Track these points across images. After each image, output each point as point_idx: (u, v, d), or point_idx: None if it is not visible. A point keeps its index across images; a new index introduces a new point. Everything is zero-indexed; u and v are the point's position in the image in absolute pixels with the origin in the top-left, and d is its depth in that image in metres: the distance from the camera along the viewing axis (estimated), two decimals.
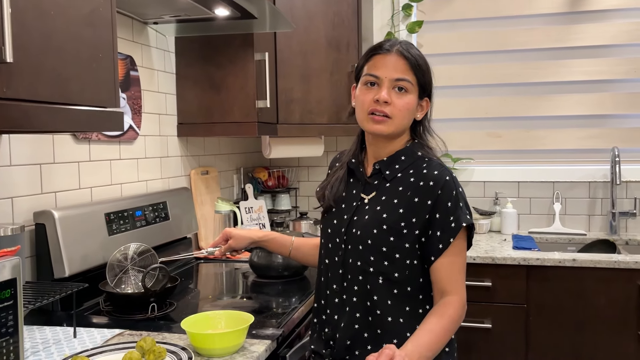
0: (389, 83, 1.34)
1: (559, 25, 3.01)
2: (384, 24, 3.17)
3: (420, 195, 1.32)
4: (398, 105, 1.34)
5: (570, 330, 2.41)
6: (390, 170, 1.38)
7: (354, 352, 1.37)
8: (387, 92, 1.33)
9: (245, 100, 2.34)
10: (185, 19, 2.11)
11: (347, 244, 1.38)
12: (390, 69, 1.33)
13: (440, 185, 1.31)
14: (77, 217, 1.70)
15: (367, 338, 1.36)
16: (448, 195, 1.31)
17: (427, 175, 1.33)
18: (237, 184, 3.03)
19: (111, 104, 1.36)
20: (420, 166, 1.36)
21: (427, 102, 1.41)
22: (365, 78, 1.37)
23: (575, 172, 2.99)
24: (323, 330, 1.44)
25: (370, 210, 1.37)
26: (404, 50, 1.35)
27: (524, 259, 2.42)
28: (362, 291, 1.36)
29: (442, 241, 1.30)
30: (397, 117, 1.34)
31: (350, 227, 1.38)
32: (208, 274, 2.24)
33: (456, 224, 1.30)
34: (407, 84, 1.34)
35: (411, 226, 1.32)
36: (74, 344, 1.39)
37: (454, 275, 1.31)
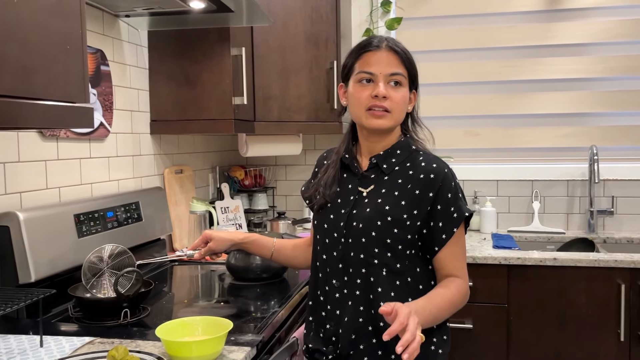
0: (384, 78, 1.37)
1: (537, 23, 3.00)
2: (362, 20, 3.12)
3: (421, 187, 1.35)
4: (396, 99, 1.37)
5: (551, 329, 2.40)
6: (387, 164, 1.41)
7: (358, 347, 1.36)
8: (384, 87, 1.36)
9: (221, 96, 2.27)
10: (159, 11, 2.02)
11: (348, 238, 1.39)
12: (384, 65, 1.36)
13: (441, 177, 1.35)
14: (44, 218, 1.61)
15: (371, 331, 1.36)
16: (448, 187, 1.35)
17: (426, 168, 1.37)
18: (212, 183, 2.95)
19: (80, 99, 1.28)
20: (417, 159, 1.40)
21: (414, 94, 1.46)
22: (359, 76, 1.39)
23: (554, 171, 2.99)
24: (323, 327, 1.43)
25: (371, 203, 1.38)
26: (393, 45, 1.39)
27: (504, 259, 2.40)
28: (365, 284, 1.37)
29: (445, 232, 1.35)
30: (396, 111, 1.38)
31: (351, 220, 1.39)
32: (183, 277, 2.17)
33: (458, 214, 1.35)
34: (401, 77, 1.38)
35: (413, 218, 1.35)
36: (41, 354, 1.31)
37: (458, 262, 1.37)
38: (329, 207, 1.45)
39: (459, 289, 1.35)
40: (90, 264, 1.65)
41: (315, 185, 1.51)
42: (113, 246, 1.71)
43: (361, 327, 1.37)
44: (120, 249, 1.72)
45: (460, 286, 1.36)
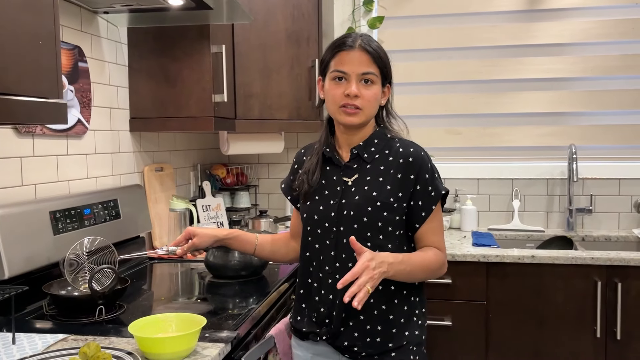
0: (356, 77, 1.44)
1: (518, 23, 3.02)
2: (344, 19, 3.13)
3: (403, 171, 1.46)
4: (367, 97, 1.45)
5: (530, 326, 2.42)
6: (367, 153, 1.50)
7: (348, 324, 1.46)
8: (355, 86, 1.44)
9: (201, 94, 2.26)
10: (138, 8, 2.01)
11: (340, 226, 1.47)
12: (356, 64, 1.44)
13: (419, 160, 1.46)
14: (18, 215, 1.60)
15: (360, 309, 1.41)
16: (425, 168, 1.46)
17: (405, 153, 1.47)
18: (194, 181, 2.95)
19: (53, 95, 1.27)
20: (394, 146, 1.50)
21: (388, 88, 1.54)
22: (334, 74, 1.47)
23: (534, 169, 3.02)
24: (317, 311, 1.50)
25: (359, 191, 1.46)
26: (366, 45, 1.45)
27: (483, 256, 2.42)
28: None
29: (424, 209, 1.46)
30: (367, 108, 1.46)
31: (341, 209, 1.47)
32: (162, 275, 2.16)
33: (435, 192, 1.47)
34: (372, 76, 1.45)
35: (399, 200, 1.45)
36: (12, 351, 1.30)
37: (436, 237, 1.50)
38: (317, 199, 1.52)
39: (437, 257, 1.47)
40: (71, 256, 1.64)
41: (300, 177, 1.58)
42: (93, 238, 1.70)
43: (350, 305, 1.41)
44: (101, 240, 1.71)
45: (438, 254, 1.48)
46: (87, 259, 1.68)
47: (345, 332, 1.46)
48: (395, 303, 1.46)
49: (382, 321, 1.45)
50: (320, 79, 1.55)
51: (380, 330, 1.45)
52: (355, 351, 1.46)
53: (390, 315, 1.46)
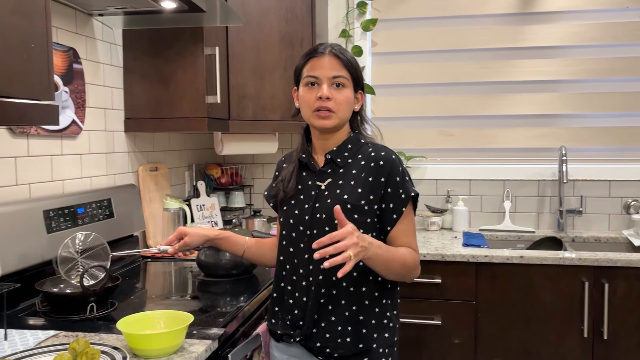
0: (327, 81, 1.48)
1: (510, 26, 3.06)
2: (338, 21, 3.16)
3: (373, 174, 1.48)
4: (338, 99, 1.49)
5: (518, 325, 2.46)
6: (341, 158, 1.53)
7: (320, 324, 1.49)
8: (327, 89, 1.48)
9: (194, 95, 2.30)
10: (132, 10, 2.05)
11: (313, 229, 1.49)
12: (327, 69, 1.48)
13: (390, 163, 1.48)
14: (11, 214, 1.63)
15: (330, 310, 1.48)
16: (396, 171, 1.48)
17: (376, 156, 1.50)
18: (188, 181, 2.98)
19: (45, 97, 1.30)
20: (366, 151, 1.53)
21: (361, 94, 1.57)
22: (306, 79, 1.51)
23: (525, 171, 3.05)
24: (291, 314, 1.53)
25: (331, 195, 1.49)
26: (336, 51, 1.50)
27: (472, 256, 2.45)
28: (328, 269, 1.45)
29: (395, 212, 1.48)
30: (340, 110, 1.49)
31: (315, 212, 1.50)
32: (156, 273, 2.19)
33: (405, 195, 1.49)
34: (343, 79, 1.49)
35: (370, 202, 1.47)
36: (4, 347, 1.33)
37: (408, 238, 1.51)
38: (293, 203, 1.55)
39: (412, 254, 1.49)
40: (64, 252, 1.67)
41: (277, 185, 1.62)
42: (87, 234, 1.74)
43: (322, 306, 1.48)
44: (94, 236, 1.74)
45: (412, 253, 1.50)
46: (80, 255, 1.71)
47: (317, 334, 1.48)
48: (366, 305, 1.48)
49: (353, 322, 1.47)
50: (295, 89, 1.58)
51: (350, 331, 1.47)
52: (328, 352, 1.48)
53: (361, 316, 1.48)
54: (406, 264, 1.46)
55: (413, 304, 2.51)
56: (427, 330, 2.50)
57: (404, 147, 3.15)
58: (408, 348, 2.52)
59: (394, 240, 1.50)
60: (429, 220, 3.02)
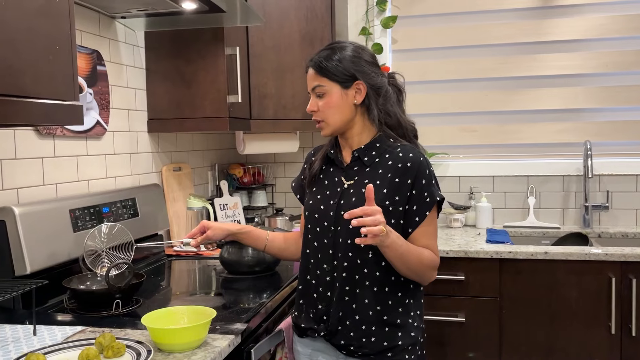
0: (312, 93, 1.55)
1: (532, 20, 3.02)
2: (358, 19, 3.16)
3: (400, 175, 1.48)
4: (322, 108, 1.52)
5: (543, 322, 2.43)
6: (368, 157, 1.53)
7: (345, 322, 1.49)
8: (312, 103, 1.54)
9: (216, 95, 2.32)
10: (153, 12, 2.08)
11: (337, 226, 1.50)
12: (310, 82, 1.54)
13: (417, 165, 1.47)
14: (39, 213, 1.67)
15: (355, 309, 1.49)
16: (423, 174, 1.47)
17: (404, 157, 1.49)
18: (211, 180, 3.01)
19: (69, 97, 1.33)
20: (394, 150, 1.52)
21: (361, 84, 1.51)
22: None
23: (549, 166, 3.01)
24: (315, 308, 1.54)
25: (357, 193, 1.49)
26: (314, 62, 1.52)
27: (496, 253, 2.43)
28: (351, 266, 1.48)
29: (418, 214, 1.47)
30: (327, 117, 1.53)
31: (339, 209, 1.50)
32: (180, 271, 2.22)
33: (430, 199, 1.48)
34: (320, 88, 1.52)
35: (395, 204, 1.47)
36: (33, 342, 1.37)
37: (430, 241, 1.50)
38: (319, 198, 1.56)
39: (431, 256, 1.48)
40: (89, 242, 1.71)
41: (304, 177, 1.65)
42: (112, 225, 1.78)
43: (346, 305, 1.49)
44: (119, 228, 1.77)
45: (432, 254, 1.49)
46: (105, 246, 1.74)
47: (342, 331, 1.49)
48: (389, 304, 1.49)
49: (377, 322, 1.48)
50: None
51: (374, 330, 1.48)
52: (352, 350, 1.49)
53: (385, 316, 1.48)
54: (423, 262, 1.46)
55: (436, 300, 2.50)
56: (450, 327, 2.49)
57: (425, 144, 3.09)
58: (431, 345, 2.51)
59: (414, 242, 1.48)
60: (452, 217, 3.00)
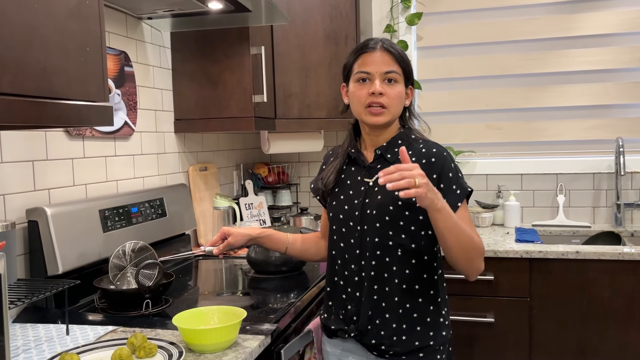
0: (379, 77, 1.47)
1: (560, 15, 2.96)
2: (382, 16, 3.13)
3: (425, 170, 1.41)
4: (391, 95, 1.47)
5: (575, 323, 2.38)
6: (391, 154, 1.51)
7: (375, 322, 1.47)
8: (380, 85, 1.46)
9: (241, 95, 2.32)
10: (179, 13, 2.09)
11: (363, 225, 1.48)
12: (379, 64, 1.47)
13: (442, 159, 1.46)
14: (70, 213, 1.68)
15: (384, 307, 1.46)
16: (449, 167, 1.46)
17: (427, 153, 1.47)
18: (237, 180, 3.01)
19: (100, 99, 1.34)
20: (417, 147, 1.50)
21: (411, 89, 1.55)
22: (358, 75, 1.50)
23: (579, 164, 2.96)
24: (344, 309, 1.52)
25: (382, 191, 1.47)
26: (387, 46, 1.49)
27: (526, 252, 2.39)
28: (379, 265, 1.46)
29: (451, 208, 1.40)
30: (392, 106, 1.48)
31: (364, 208, 1.48)
32: (207, 270, 2.23)
33: (461, 190, 1.46)
34: (395, 75, 1.48)
35: None
36: (66, 341, 1.38)
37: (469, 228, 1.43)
38: (342, 199, 1.54)
39: (479, 239, 1.41)
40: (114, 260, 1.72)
41: (321, 178, 1.62)
42: (135, 242, 1.78)
43: (376, 303, 1.47)
44: (141, 244, 1.78)
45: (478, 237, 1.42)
46: (130, 262, 1.75)
47: (372, 330, 1.47)
48: (420, 302, 1.47)
49: (408, 320, 1.46)
50: (344, 85, 1.58)
51: (406, 329, 1.46)
52: (383, 349, 1.47)
53: (415, 314, 1.46)
54: (474, 241, 1.39)
55: (465, 301, 2.47)
56: (479, 327, 2.46)
57: (451, 142, 3.10)
58: (460, 346, 2.47)
59: None
60: (480, 216, 2.96)
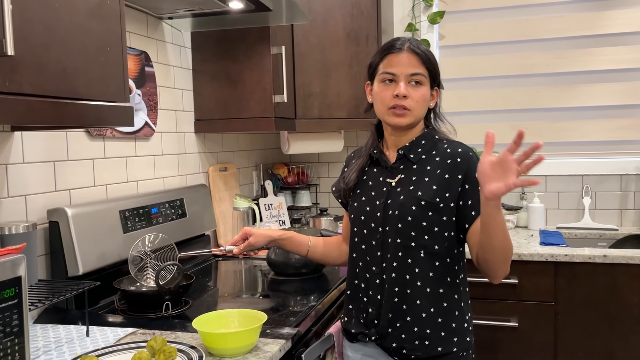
0: (405, 78, 1.45)
1: (587, 12, 2.90)
2: (404, 15, 3.09)
3: (450, 171, 1.44)
4: (415, 97, 1.45)
5: (602, 328, 2.32)
6: (414, 154, 1.49)
7: (395, 324, 1.45)
8: (404, 87, 1.44)
9: (262, 95, 2.30)
10: (200, 12, 2.07)
11: (385, 226, 1.46)
12: (405, 65, 1.45)
13: (467, 159, 1.44)
14: (91, 214, 1.68)
15: (405, 310, 1.44)
16: (474, 167, 1.41)
17: (452, 153, 1.45)
18: (256, 180, 3.00)
19: (120, 99, 1.33)
20: (442, 147, 1.49)
21: (437, 91, 1.53)
22: (382, 76, 1.48)
23: (606, 165, 2.89)
24: (365, 312, 1.50)
25: (404, 191, 1.45)
26: (414, 47, 1.46)
27: (551, 255, 2.34)
28: (401, 267, 1.44)
29: (474, 209, 1.42)
30: (415, 109, 1.46)
31: (387, 209, 1.46)
32: (227, 272, 2.21)
33: None
34: (421, 77, 1.45)
35: (446, 200, 1.43)
36: (86, 343, 1.37)
37: None
38: (364, 200, 1.52)
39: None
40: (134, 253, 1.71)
41: (343, 177, 1.61)
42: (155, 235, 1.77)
43: (396, 306, 1.44)
44: (162, 237, 1.77)
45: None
46: (149, 256, 1.74)
47: (393, 334, 1.45)
48: (444, 307, 1.44)
49: (431, 324, 1.43)
50: (369, 84, 1.55)
51: (429, 333, 1.43)
52: (404, 354, 1.44)
53: (439, 318, 1.43)
54: (511, 244, 1.35)
55: (488, 305, 2.42)
56: (502, 332, 2.41)
57: (474, 142, 3.05)
58: (483, 350, 2.43)
59: (474, 236, 1.42)
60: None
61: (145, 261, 1.73)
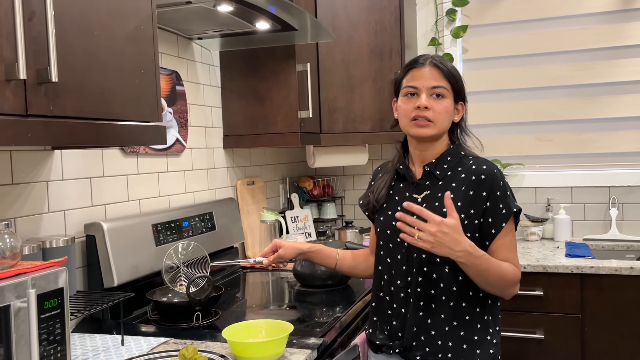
0: (427, 91, 1.49)
1: (611, 24, 2.90)
2: (427, 29, 3.14)
3: (475, 188, 1.46)
4: (437, 109, 1.48)
5: (630, 341, 2.30)
6: (440, 170, 1.52)
7: (419, 338, 1.48)
8: (426, 99, 1.48)
9: (288, 111, 2.37)
10: (228, 33, 2.15)
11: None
12: (427, 79, 1.49)
13: (491, 177, 1.46)
14: (125, 228, 1.75)
15: (430, 324, 1.47)
16: (497, 185, 1.46)
17: (477, 170, 1.48)
18: (283, 193, 3.06)
19: (154, 119, 1.40)
20: (467, 163, 1.51)
21: (462, 105, 1.56)
22: (405, 90, 1.53)
23: (633, 176, 2.87)
24: (390, 324, 1.53)
25: (430, 207, 1.45)
26: (437, 62, 1.51)
27: (577, 267, 2.33)
28: (426, 281, 1.47)
29: (494, 227, 1.45)
30: (438, 120, 1.49)
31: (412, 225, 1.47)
32: (255, 283, 2.27)
33: (506, 210, 1.45)
34: (442, 90, 1.49)
35: (470, 217, 1.45)
36: (122, 352, 1.43)
37: (509, 253, 1.47)
38: (390, 214, 1.55)
39: (513, 270, 1.45)
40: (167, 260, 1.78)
41: (372, 191, 1.64)
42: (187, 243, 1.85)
43: (421, 320, 1.47)
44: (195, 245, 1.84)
45: (514, 268, 1.46)
46: (182, 263, 1.81)
47: (417, 347, 1.47)
48: (467, 320, 1.46)
49: (454, 338, 1.45)
50: (395, 100, 1.59)
51: (451, 347, 1.45)
52: None
53: (462, 332, 1.45)
54: (504, 278, 1.43)
55: (513, 317, 2.42)
56: (528, 344, 2.41)
57: (499, 154, 3.07)
58: None
59: (493, 254, 1.45)
60: (529, 230, 2.91)
61: (179, 268, 1.80)
